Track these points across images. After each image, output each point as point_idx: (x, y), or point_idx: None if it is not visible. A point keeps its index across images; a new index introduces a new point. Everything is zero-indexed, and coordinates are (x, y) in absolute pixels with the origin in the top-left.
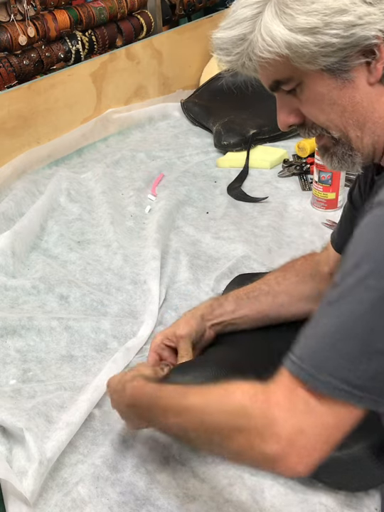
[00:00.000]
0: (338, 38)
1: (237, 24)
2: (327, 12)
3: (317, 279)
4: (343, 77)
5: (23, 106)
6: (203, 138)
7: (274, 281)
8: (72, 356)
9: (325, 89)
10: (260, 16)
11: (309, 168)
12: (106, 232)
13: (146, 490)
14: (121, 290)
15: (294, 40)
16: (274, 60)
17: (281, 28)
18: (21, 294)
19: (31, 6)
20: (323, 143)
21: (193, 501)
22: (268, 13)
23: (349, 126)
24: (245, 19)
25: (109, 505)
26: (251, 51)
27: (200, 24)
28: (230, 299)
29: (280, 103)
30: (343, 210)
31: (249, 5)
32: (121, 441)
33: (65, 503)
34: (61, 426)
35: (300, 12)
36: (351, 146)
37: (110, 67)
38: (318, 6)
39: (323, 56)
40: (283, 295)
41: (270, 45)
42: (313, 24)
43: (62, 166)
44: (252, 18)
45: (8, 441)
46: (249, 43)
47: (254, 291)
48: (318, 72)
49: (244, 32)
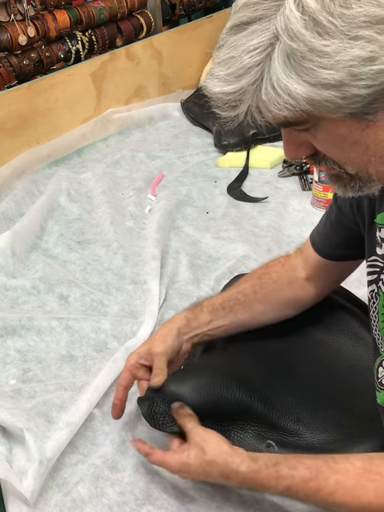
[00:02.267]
0: (366, 89)
1: (240, 76)
2: (354, 63)
3: (294, 286)
4: (367, 119)
5: (23, 106)
6: (203, 138)
7: (250, 290)
8: (72, 356)
9: (346, 131)
10: (267, 64)
11: (309, 168)
12: (106, 232)
13: (146, 490)
14: (121, 290)
15: (317, 96)
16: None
17: (301, 83)
18: (21, 294)
19: (31, 6)
20: (335, 173)
21: (193, 501)
22: (278, 63)
23: (370, 163)
24: (250, 69)
25: (109, 505)
26: (263, 106)
27: (200, 24)
28: (205, 310)
29: (288, 137)
30: (327, 211)
31: (251, 50)
32: (121, 442)
33: (65, 503)
34: (61, 426)
35: (322, 65)
36: (370, 178)
37: (110, 67)
38: (343, 57)
39: (347, 106)
40: (259, 304)
41: (288, 102)
42: (339, 78)
43: (62, 166)
44: (258, 68)
45: (8, 441)
46: (259, 99)
47: (229, 300)
48: (340, 117)
49: (252, 84)
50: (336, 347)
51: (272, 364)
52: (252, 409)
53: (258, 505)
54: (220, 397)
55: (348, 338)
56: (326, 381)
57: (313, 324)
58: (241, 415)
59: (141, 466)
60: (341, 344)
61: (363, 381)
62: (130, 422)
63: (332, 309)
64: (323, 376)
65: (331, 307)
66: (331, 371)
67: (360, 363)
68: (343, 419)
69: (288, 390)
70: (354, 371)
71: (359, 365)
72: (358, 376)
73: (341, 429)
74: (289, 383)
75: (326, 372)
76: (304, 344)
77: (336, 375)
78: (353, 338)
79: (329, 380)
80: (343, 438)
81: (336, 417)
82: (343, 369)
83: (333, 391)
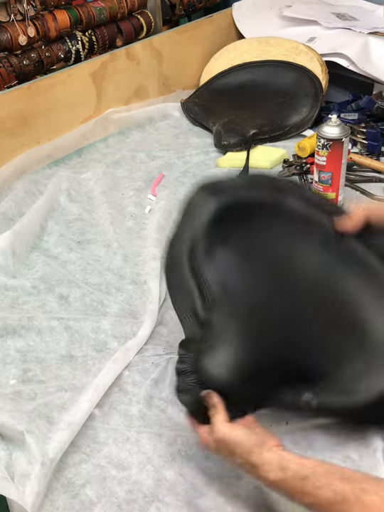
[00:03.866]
0: None
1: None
2: None
3: None
4: None
5: (23, 106)
6: (203, 138)
7: None
8: (72, 356)
9: None
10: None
11: (309, 168)
12: (106, 232)
13: (154, 487)
14: (121, 290)
15: None
16: None
17: None
18: (21, 294)
19: (31, 6)
20: None
21: (201, 496)
22: None
23: None
24: None
25: (118, 504)
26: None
27: (200, 24)
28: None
29: None
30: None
31: None
32: (125, 440)
33: (74, 506)
34: (62, 426)
35: None
36: None
37: (110, 67)
38: None
39: None
40: None
41: None
42: None
43: (62, 166)
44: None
45: (7, 446)
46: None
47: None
48: None
49: None
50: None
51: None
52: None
53: (268, 500)
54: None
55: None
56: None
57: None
58: (276, 375)
59: (147, 463)
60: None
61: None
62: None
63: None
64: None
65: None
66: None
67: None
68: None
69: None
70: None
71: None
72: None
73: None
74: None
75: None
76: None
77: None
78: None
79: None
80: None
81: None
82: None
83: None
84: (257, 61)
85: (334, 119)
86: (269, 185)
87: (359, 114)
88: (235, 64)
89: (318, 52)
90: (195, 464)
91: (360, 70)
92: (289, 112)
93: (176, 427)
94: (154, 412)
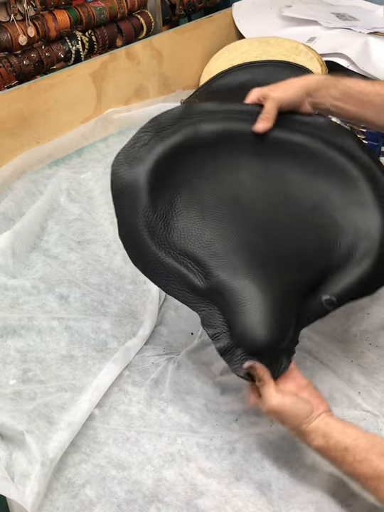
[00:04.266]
0: None
1: None
2: None
3: None
4: None
5: (23, 106)
6: None
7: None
8: (72, 356)
9: None
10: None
11: None
12: (106, 232)
13: (154, 487)
14: (121, 290)
15: None
16: None
17: None
18: (21, 294)
19: (31, 6)
20: None
21: (201, 496)
22: None
23: None
24: None
25: (117, 504)
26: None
27: (200, 24)
28: (340, 88)
29: None
30: None
31: None
32: (125, 440)
33: (74, 506)
34: (62, 426)
35: None
36: None
37: (110, 67)
38: None
39: None
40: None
41: None
42: None
43: (62, 166)
44: None
45: (7, 446)
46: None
47: (367, 94)
48: None
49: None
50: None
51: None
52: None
53: (266, 498)
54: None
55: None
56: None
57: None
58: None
59: (147, 463)
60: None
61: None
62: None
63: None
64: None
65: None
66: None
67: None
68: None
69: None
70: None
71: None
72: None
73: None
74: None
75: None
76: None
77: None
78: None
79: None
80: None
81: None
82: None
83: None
84: (257, 61)
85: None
86: (183, 116)
87: None
88: (235, 64)
89: (318, 52)
90: (195, 464)
91: (360, 70)
92: None
93: (176, 427)
94: (154, 412)
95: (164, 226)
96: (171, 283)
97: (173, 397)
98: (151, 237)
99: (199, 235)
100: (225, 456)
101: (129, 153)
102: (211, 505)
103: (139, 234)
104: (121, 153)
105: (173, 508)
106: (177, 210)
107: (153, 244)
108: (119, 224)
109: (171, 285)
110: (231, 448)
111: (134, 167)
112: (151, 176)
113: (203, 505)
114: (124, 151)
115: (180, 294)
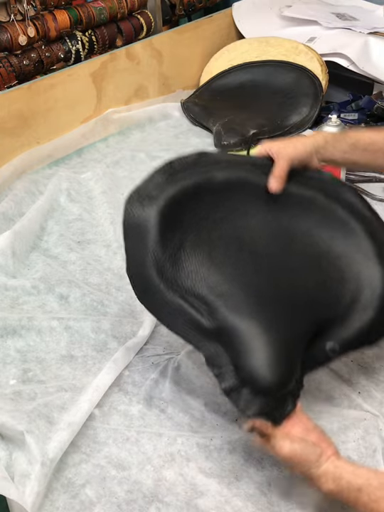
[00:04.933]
0: None
1: None
2: None
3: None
4: None
5: (23, 106)
6: (203, 138)
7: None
8: (72, 356)
9: None
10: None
11: None
12: (106, 232)
13: (154, 487)
14: (121, 290)
15: None
16: None
17: None
18: (21, 294)
19: (31, 6)
20: None
21: (201, 496)
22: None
23: None
24: None
25: (117, 504)
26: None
27: (200, 24)
28: (348, 142)
29: None
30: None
31: None
32: (125, 440)
33: (74, 506)
34: (62, 426)
35: None
36: None
37: (110, 67)
38: None
39: None
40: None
41: None
42: None
43: (62, 166)
44: None
45: (7, 446)
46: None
47: (375, 144)
48: None
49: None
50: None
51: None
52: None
53: (266, 498)
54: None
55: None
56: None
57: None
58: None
59: (147, 463)
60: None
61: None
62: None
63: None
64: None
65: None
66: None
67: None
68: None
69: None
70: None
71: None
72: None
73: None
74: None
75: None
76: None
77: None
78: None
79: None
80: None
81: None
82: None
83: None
84: (257, 61)
85: (334, 119)
86: (196, 164)
87: (359, 114)
88: (235, 64)
89: (318, 52)
90: (195, 464)
91: (360, 70)
92: (289, 112)
93: (176, 427)
94: (154, 412)
95: (172, 265)
96: (176, 321)
97: (173, 397)
98: (159, 275)
99: (206, 275)
100: (225, 456)
101: (142, 192)
102: (211, 505)
103: (147, 271)
104: (135, 192)
105: (173, 508)
106: (185, 250)
107: (160, 282)
108: (127, 260)
109: (176, 323)
110: (231, 448)
111: (146, 206)
112: (162, 216)
113: (203, 505)
114: (137, 190)
115: (185, 332)
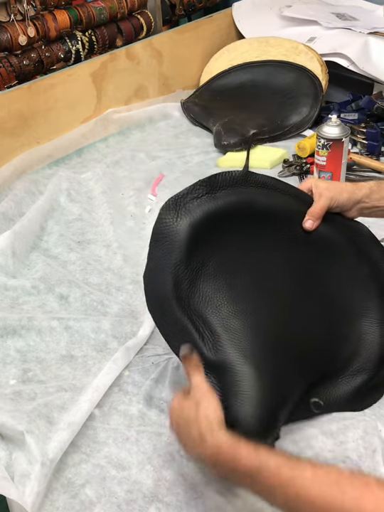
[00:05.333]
0: None
1: None
2: None
3: None
4: None
5: (23, 106)
6: (203, 138)
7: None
8: (72, 356)
9: None
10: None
11: (309, 168)
12: (106, 232)
13: (154, 487)
14: (121, 290)
15: None
16: None
17: None
18: (21, 294)
19: (31, 6)
20: None
21: (201, 496)
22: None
23: None
24: None
25: (117, 504)
26: None
27: (200, 24)
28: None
29: None
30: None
31: None
32: (125, 439)
33: (74, 506)
34: (62, 426)
35: None
36: None
37: (110, 67)
38: None
39: None
40: None
41: None
42: None
43: (62, 166)
44: None
45: (7, 446)
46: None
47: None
48: None
49: None
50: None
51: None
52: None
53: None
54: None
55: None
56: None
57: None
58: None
59: (146, 463)
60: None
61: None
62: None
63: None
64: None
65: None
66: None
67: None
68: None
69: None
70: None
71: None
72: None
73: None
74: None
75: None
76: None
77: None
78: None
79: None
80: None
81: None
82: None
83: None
84: (257, 61)
85: (334, 119)
86: (240, 183)
87: (359, 114)
88: (235, 64)
89: (318, 52)
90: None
91: (360, 70)
92: (289, 112)
93: None
94: (154, 412)
95: (190, 284)
96: (179, 340)
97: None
98: (174, 291)
99: (220, 304)
100: None
101: (180, 201)
102: (211, 505)
103: (164, 283)
104: (172, 199)
105: (173, 508)
106: (207, 271)
107: (173, 298)
108: (148, 264)
109: (177, 342)
110: None
111: (180, 217)
112: (195, 231)
113: (203, 505)
114: (175, 198)
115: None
